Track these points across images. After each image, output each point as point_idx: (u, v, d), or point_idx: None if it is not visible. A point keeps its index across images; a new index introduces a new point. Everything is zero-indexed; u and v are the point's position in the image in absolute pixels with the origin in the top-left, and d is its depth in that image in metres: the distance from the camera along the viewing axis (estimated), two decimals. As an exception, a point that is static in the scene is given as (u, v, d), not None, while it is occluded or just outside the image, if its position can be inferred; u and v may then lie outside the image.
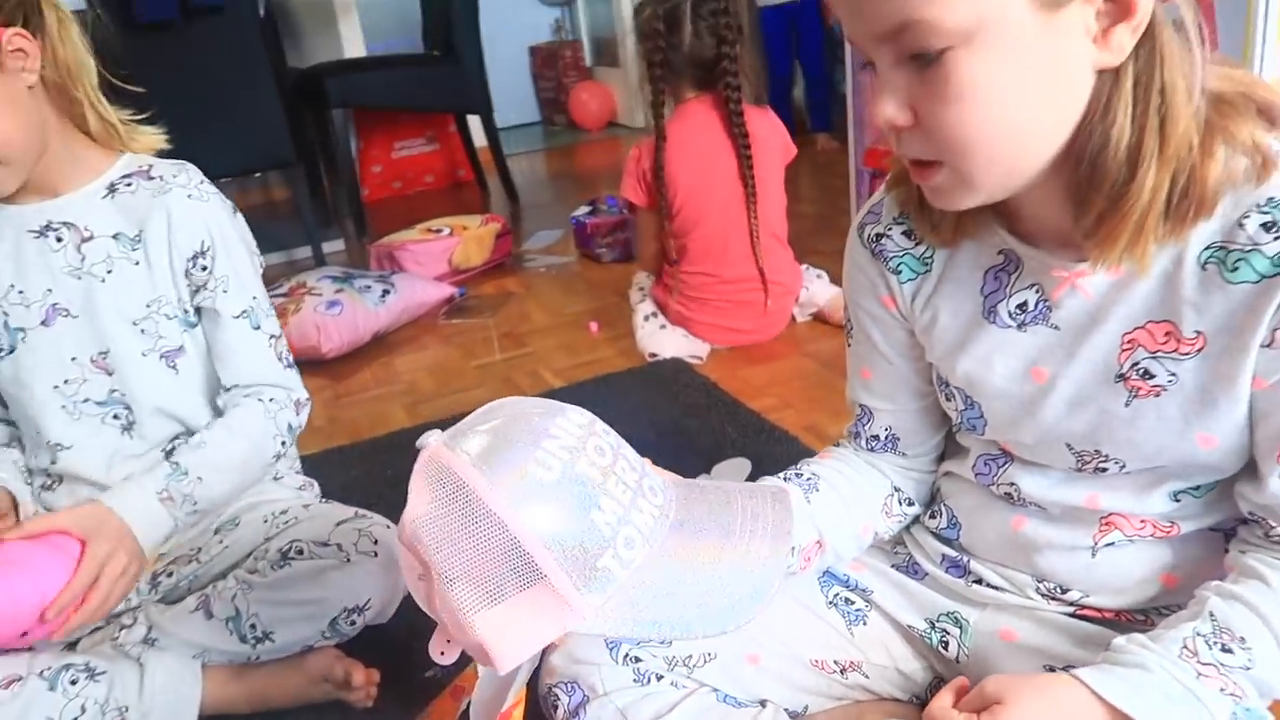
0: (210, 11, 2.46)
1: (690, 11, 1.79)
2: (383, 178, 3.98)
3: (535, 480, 0.59)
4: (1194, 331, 0.63)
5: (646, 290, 2.14)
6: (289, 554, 1.05)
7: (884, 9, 0.55)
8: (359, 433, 1.82)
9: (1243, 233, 0.59)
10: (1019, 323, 0.70)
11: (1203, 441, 0.65)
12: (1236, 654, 0.62)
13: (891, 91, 0.58)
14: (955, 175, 0.60)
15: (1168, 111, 0.56)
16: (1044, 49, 0.55)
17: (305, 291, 2.20)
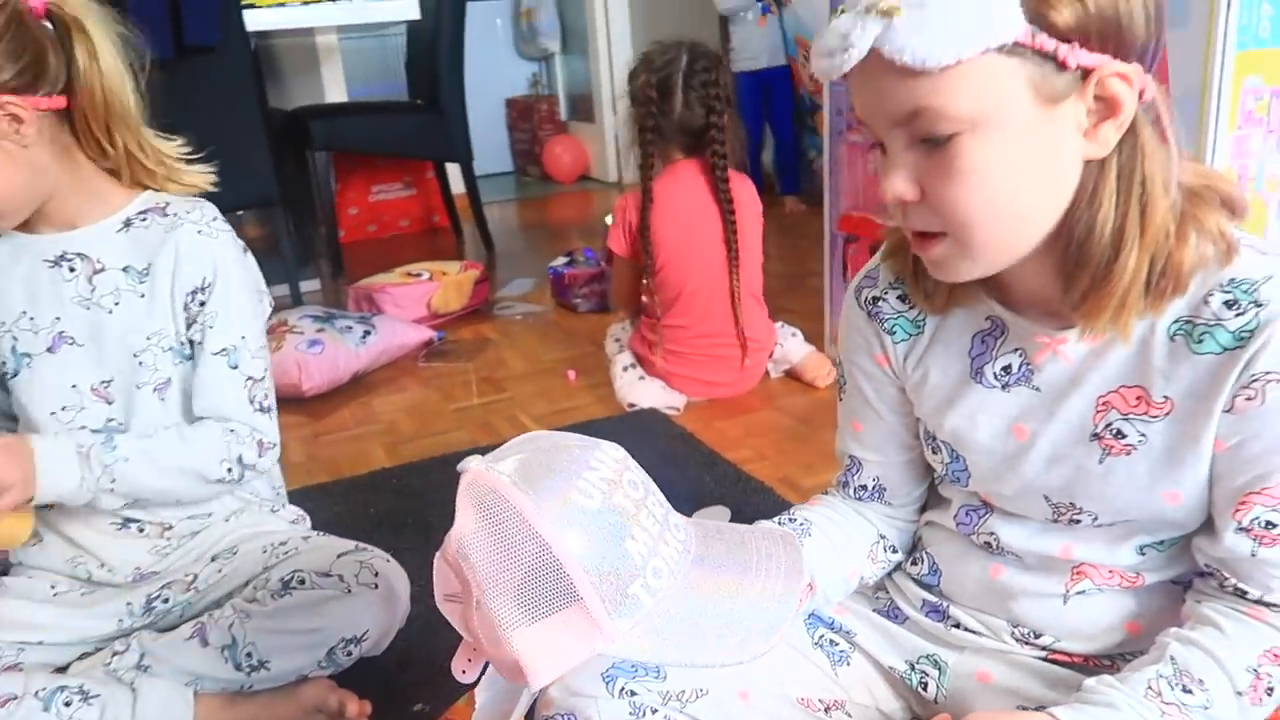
0: (203, 51, 2.50)
1: (682, 81, 1.88)
2: (359, 220, 4.02)
3: (577, 507, 0.63)
4: (1163, 396, 0.69)
5: (623, 342, 2.20)
6: (290, 583, 1.07)
7: (900, 96, 0.61)
8: (339, 470, 1.83)
9: (1208, 309, 0.66)
10: (1003, 384, 0.76)
11: (1169, 498, 0.71)
12: (1196, 694, 0.67)
13: (901, 169, 0.64)
14: (956, 247, 0.65)
15: (1147, 200, 0.63)
16: (1041, 139, 0.62)
17: (287, 330, 2.22)
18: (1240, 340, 0.65)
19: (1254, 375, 0.65)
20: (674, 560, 0.66)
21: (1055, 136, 0.62)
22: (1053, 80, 0.60)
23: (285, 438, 1.97)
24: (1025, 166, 0.62)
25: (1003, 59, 0.59)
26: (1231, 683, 0.68)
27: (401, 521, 1.59)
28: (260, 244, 4.03)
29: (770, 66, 3.82)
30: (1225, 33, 1.31)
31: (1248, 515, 0.69)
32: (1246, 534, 0.69)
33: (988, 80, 0.59)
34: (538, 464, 0.65)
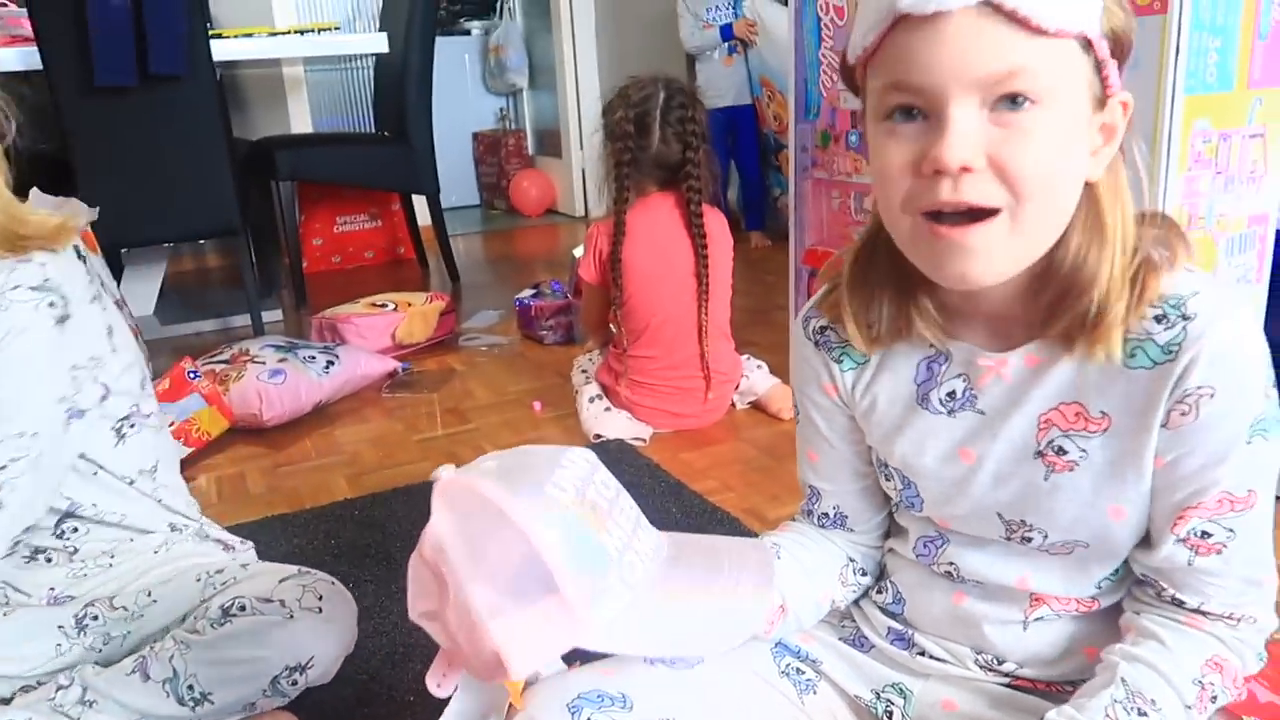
0: (168, 80, 2.49)
1: (660, 117, 1.90)
2: (323, 251, 4.00)
3: (552, 500, 0.63)
4: (1100, 412, 0.70)
5: (590, 373, 2.20)
6: (230, 610, 1.03)
7: (1001, 52, 0.59)
8: (299, 502, 1.81)
9: (1139, 325, 0.67)
10: (949, 409, 0.77)
11: (1114, 513, 0.72)
12: (1150, 716, 0.68)
13: (967, 135, 0.61)
14: (1009, 224, 0.63)
15: (1126, 230, 0.66)
16: (1080, 139, 0.64)
17: (248, 359, 2.20)
18: (1169, 354, 0.66)
19: (1186, 391, 0.66)
20: (647, 556, 0.66)
21: (1084, 143, 0.65)
22: (1096, 88, 0.63)
23: (245, 468, 1.96)
24: (1070, 160, 0.64)
25: (1079, 49, 0.62)
26: (1180, 698, 0.69)
27: (363, 553, 1.57)
28: (223, 274, 4.02)
29: (736, 105, 3.88)
30: (1175, 77, 1.36)
31: (1185, 527, 0.70)
32: (1184, 545, 0.71)
33: (1070, 62, 0.62)
34: (510, 465, 0.65)
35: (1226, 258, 1.51)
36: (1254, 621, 0.73)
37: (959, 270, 0.65)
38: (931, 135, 0.62)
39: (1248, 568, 0.71)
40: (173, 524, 1.16)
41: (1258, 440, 0.68)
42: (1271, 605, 0.73)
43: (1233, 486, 0.69)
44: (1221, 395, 0.66)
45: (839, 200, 2.03)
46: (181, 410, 1.98)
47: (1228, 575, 0.71)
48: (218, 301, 3.30)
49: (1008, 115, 0.61)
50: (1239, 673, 0.72)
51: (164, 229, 2.72)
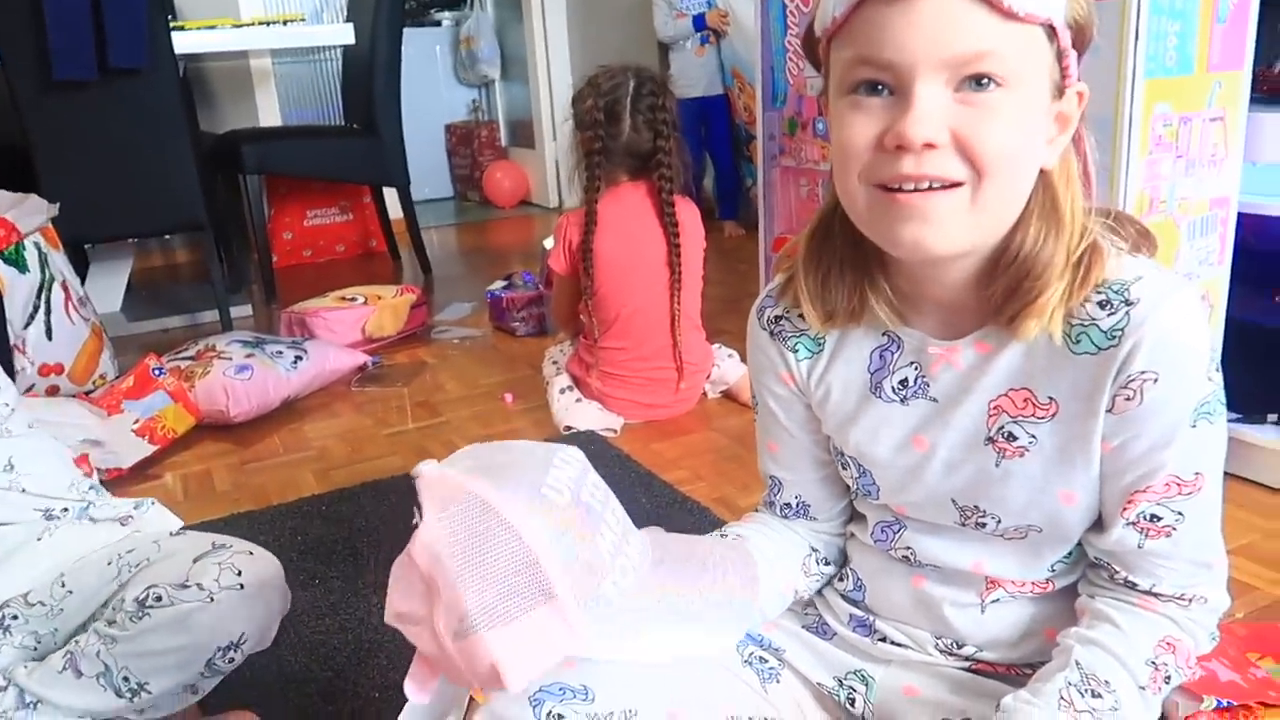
0: (129, 73, 2.46)
1: (630, 106, 1.89)
2: (293, 245, 3.96)
3: (549, 501, 0.61)
4: (1047, 398, 0.71)
5: (561, 364, 2.19)
6: (147, 603, 0.99)
7: (974, 32, 0.60)
8: (266, 499, 1.79)
9: (1083, 310, 0.68)
10: (901, 397, 0.77)
11: (1064, 498, 0.73)
12: (1105, 698, 0.69)
13: (932, 113, 0.61)
14: (970, 197, 0.63)
15: (1075, 219, 0.67)
16: (1040, 125, 0.65)
17: (214, 355, 2.17)
18: (1113, 339, 0.67)
19: (1130, 376, 0.67)
20: (637, 559, 0.65)
21: (1043, 131, 0.65)
22: (1056, 77, 0.64)
23: (211, 465, 1.94)
24: (1031, 143, 0.65)
25: (1044, 36, 0.63)
26: (1134, 679, 0.70)
27: (331, 549, 1.56)
28: (192, 270, 3.97)
29: (708, 95, 3.87)
30: (1135, 61, 1.36)
31: (1134, 511, 0.71)
32: (1134, 528, 0.71)
33: (1035, 48, 0.62)
34: (498, 463, 0.63)
35: (1189, 241, 1.52)
36: (1205, 602, 0.73)
37: (914, 236, 0.64)
38: (896, 111, 0.62)
39: (1197, 550, 0.72)
40: (47, 510, 1.12)
41: (1202, 424, 0.68)
42: (1223, 585, 0.74)
43: (1179, 470, 0.69)
44: (1165, 380, 0.66)
45: (807, 188, 2.03)
46: (146, 408, 1.96)
47: (1177, 558, 0.72)
48: (186, 298, 3.26)
49: (973, 95, 0.61)
50: (1192, 652, 0.73)
51: (127, 224, 2.69)
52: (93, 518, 1.15)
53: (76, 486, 1.18)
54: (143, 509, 1.19)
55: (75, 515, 1.14)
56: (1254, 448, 1.63)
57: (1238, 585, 1.37)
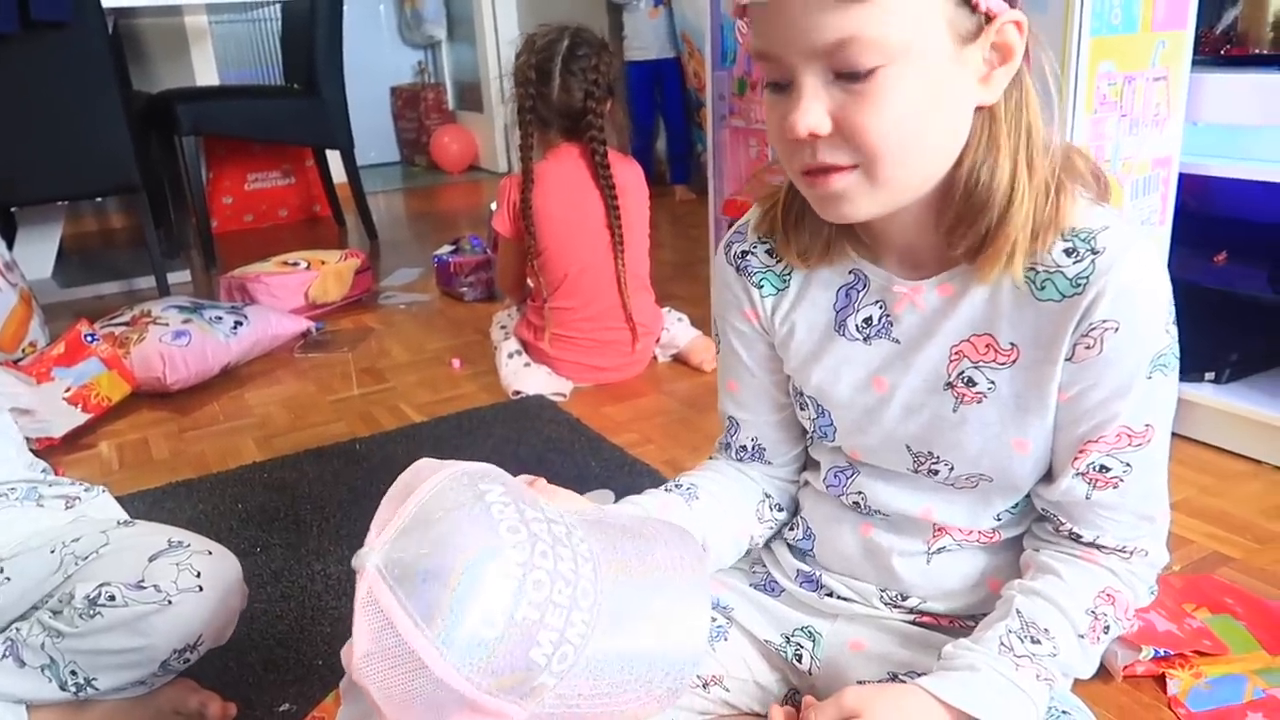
0: (54, 27, 2.35)
1: (561, 65, 1.86)
2: (234, 209, 3.85)
3: (476, 637, 0.57)
4: (1009, 344, 0.71)
5: (509, 329, 2.16)
6: (99, 601, 0.93)
7: (830, 25, 0.59)
8: (206, 466, 1.74)
9: (1049, 256, 0.68)
10: (864, 336, 0.77)
11: (1018, 446, 0.73)
12: (1044, 644, 0.70)
13: (815, 102, 0.62)
14: (864, 179, 0.64)
15: (1033, 149, 0.66)
16: (951, 77, 0.63)
17: (150, 321, 2.10)
18: (1077, 287, 0.67)
19: (1091, 324, 0.67)
20: (581, 634, 0.61)
21: (960, 77, 0.63)
22: (965, 20, 0.62)
23: (148, 434, 1.89)
24: (937, 104, 0.63)
25: None
26: (1074, 627, 0.71)
27: (272, 516, 1.52)
28: (126, 234, 3.85)
29: (661, 58, 3.84)
30: (1081, 19, 1.36)
31: (1084, 461, 0.72)
32: (1083, 478, 0.72)
33: (915, 11, 0.60)
34: (431, 563, 0.59)
35: (1132, 199, 1.53)
36: (1145, 555, 0.74)
37: (832, 211, 0.68)
38: (790, 103, 0.64)
39: (1142, 502, 0.73)
40: None
41: (1158, 375, 0.69)
42: (1164, 541, 0.75)
43: (1131, 420, 0.70)
44: (1125, 329, 0.67)
45: (756, 149, 2.01)
46: (79, 375, 1.89)
47: (1123, 509, 0.73)
48: (120, 263, 3.15)
49: (853, 83, 0.61)
50: (1131, 604, 0.74)
51: (55, 186, 2.58)
52: (39, 501, 1.09)
53: (33, 466, 1.13)
54: (92, 493, 1.14)
55: (23, 495, 1.09)
56: (1192, 405, 1.66)
57: (1175, 539, 1.40)
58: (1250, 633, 1.16)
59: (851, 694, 0.68)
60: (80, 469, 1.76)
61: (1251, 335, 1.79)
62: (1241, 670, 1.10)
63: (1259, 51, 1.62)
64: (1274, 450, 1.58)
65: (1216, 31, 1.71)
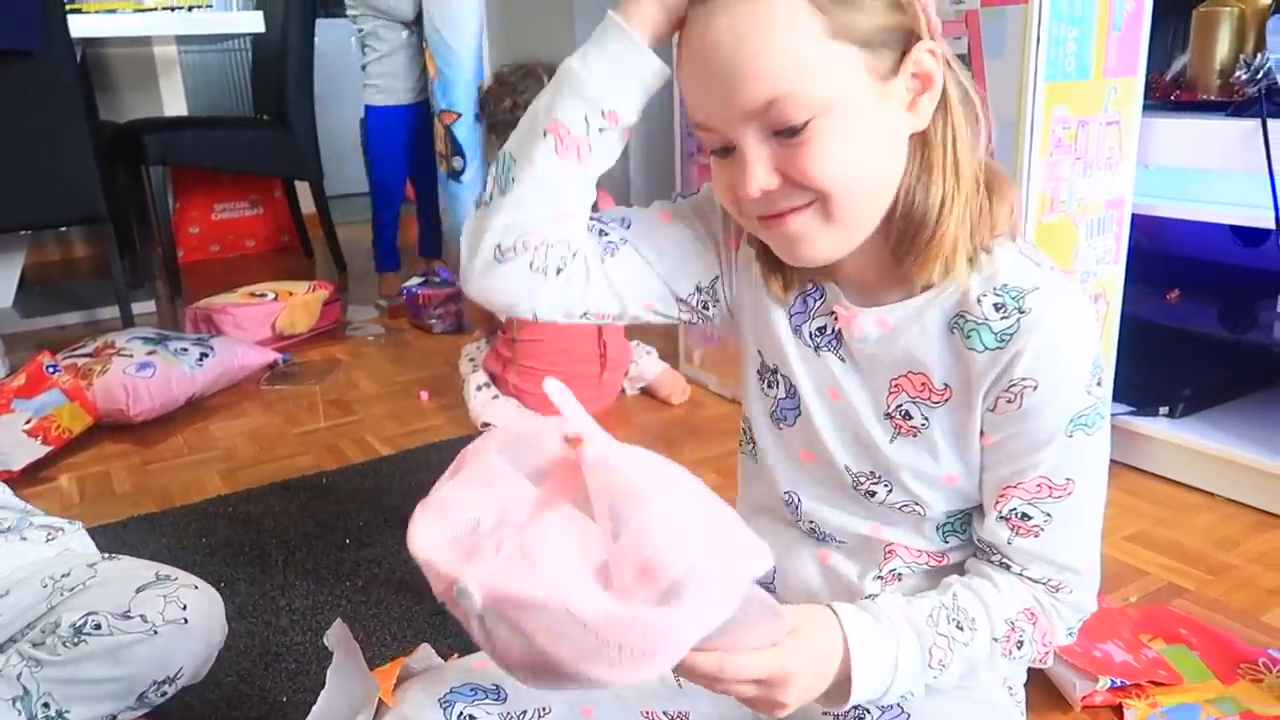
0: (21, 55, 2.34)
1: None
2: (200, 239, 3.83)
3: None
4: (942, 384, 0.73)
5: (478, 361, 2.17)
6: (84, 630, 0.95)
7: (756, 88, 0.62)
8: (169, 500, 1.72)
9: (979, 308, 0.70)
10: (815, 345, 0.79)
11: (948, 480, 0.76)
12: (964, 632, 0.72)
13: (759, 162, 0.65)
14: (820, 215, 0.67)
15: (960, 164, 0.69)
16: (879, 114, 0.66)
17: (114, 352, 2.08)
18: (1002, 342, 0.69)
19: (1011, 380, 0.69)
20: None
21: (888, 112, 0.66)
22: (882, 60, 0.65)
23: (110, 467, 1.86)
24: (873, 139, 0.66)
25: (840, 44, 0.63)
26: (991, 629, 0.73)
27: (237, 551, 1.51)
28: (90, 263, 3.81)
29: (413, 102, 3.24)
30: (1036, 66, 1.41)
31: (1006, 506, 0.74)
32: (1005, 523, 0.74)
33: (832, 64, 0.63)
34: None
35: (1086, 240, 1.58)
36: (1071, 593, 0.76)
37: (792, 253, 0.70)
38: (736, 167, 0.66)
39: (1063, 553, 0.74)
40: None
41: (1079, 434, 0.71)
42: (1093, 593, 0.77)
43: (1051, 473, 0.72)
44: (1044, 388, 0.69)
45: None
46: (39, 407, 1.87)
47: (1042, 559, 0.75)
48: (84, 293, 3.12)
49: (790, 138, 0.64)
50: (1048, 633, 0.75)
51: (20, 216, 2.55)
52: (23, 534, 1.10)
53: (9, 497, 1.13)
54: (74, 526, 1.15)
55: (14, 526, 1.09)
56: (1146, 438, 1.70)
57: (1131, 570, 1.43)
58: (1204, 663, 1.19)
59: (770, 661, 0.64)
60: (40, 503, 1.72)
61: (1204, 370, 1.84)
62: (1196, 699, 1.12)
63: (1207, 98, 1.68)
64: (1227, 483, 1.62)
65: (1166, 78, 1.78)
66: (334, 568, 1.45)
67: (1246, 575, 1.40)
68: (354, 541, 1.52)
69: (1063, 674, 1.14)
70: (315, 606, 1.35)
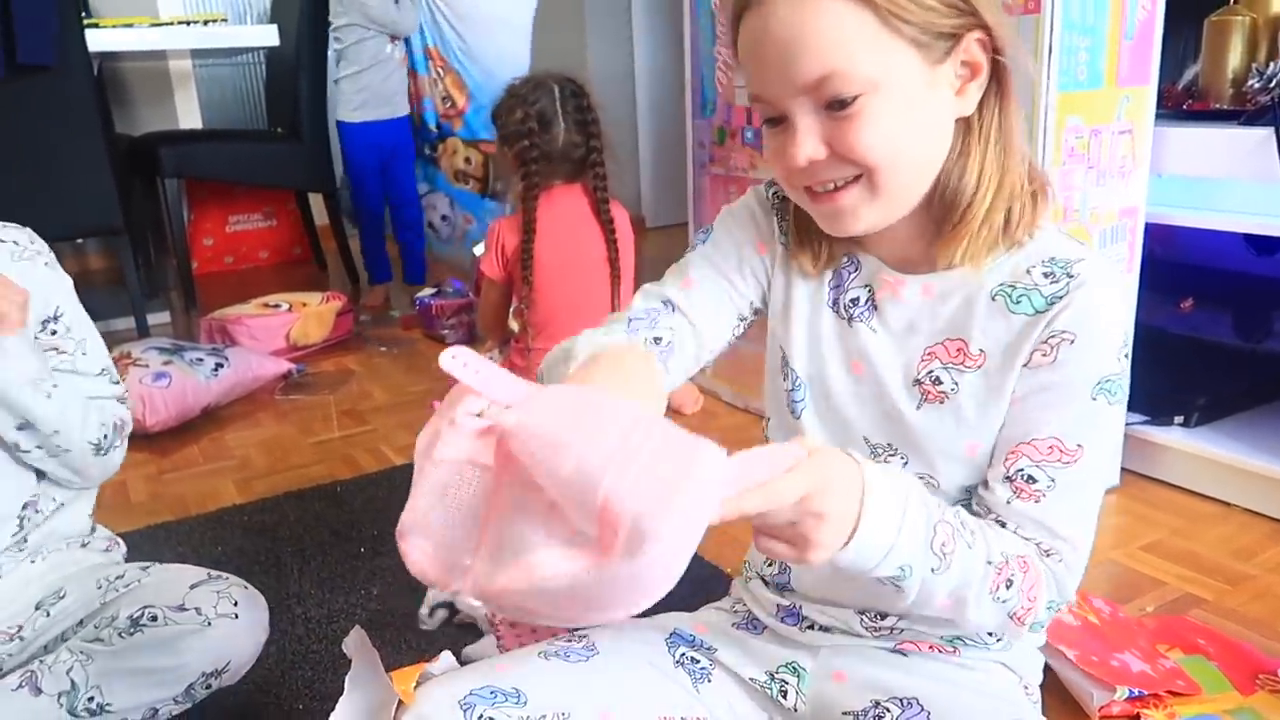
0: (39, 70, 2.37)
1: (560, 110, 1.90)
2: (214, 251, 3.86)
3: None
4: (979, 350, 0.75)
5: (491, 370, 2.17)
6: (141, 621, 1.00)
7: (812, 64, 0.66)
8: (185, 509, 1.73)
9: (1029, 277, 0.74)
10: (849, 316, 0.81)
11: (969, 449, 0.77)
12: (966, 533, 0.69)
13: (809, 132, 0.69)
14: (866, 191, 0.71)
15: (1006, 155, 0.72)
16: (927, 97, 0.69)
17: (130, 363, 2.10)
18: (1050, 304, 0.73)
19: (1052, 333, 0.72)
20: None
21: (936, 95, 0.70)
22: (934, 45, 0.68)
23: (127, 476, 1.88)
24: (918, 119, 0.70)
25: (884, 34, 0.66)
26: (987, 554, 0.70)
27: (252, 560, 1.52)
28: (106, 275, 3.83)
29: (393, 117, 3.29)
30: (1049, 75, 1.41)
31: (1014, 465, 0.74)
32: (1009, 484, 0.75)
33: (884, 45, 0.66)
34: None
35: (1100, 249, 1.58)
36: (1060, 561, 0.74)
37: (835, 225, 0.74)
38: (786, 136, 0.70)
39: (1061, 523, 0.74)
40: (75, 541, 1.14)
41: (1101, 399, 0.73)
42: (1078, 575, 0.76)
43: (1064, 434, 0.73)
44: (1080, 343, 0.72)
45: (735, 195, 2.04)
46: (56, 417, 1.88)
47: (1040, 524, 0.75)
48: (100, 304, 3.10)
49: (840, 112, 0.68)
50: (1035, 587, 0.73)
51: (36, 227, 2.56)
52: (84, 544, 1.15)
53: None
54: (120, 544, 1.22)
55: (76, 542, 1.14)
56: (1161, 448, 1.70)
57: (1147, 580, 1.42)
58: (1223, 673, 1.18)
59: (803, 477, 0.60)
60: (57, 511, 1.74)
61: (1218, 380, 1.84)
62: (1214, 710, 1.12)
63: (1219, 106, 1.68)
64: (1243, 493, 1.62)
65: (1179, 87, 1.78)
66: (349, 576, 1.46)
67: (1264, 585, 1.39)
68: (368, 550, 1.52)
69: (1080, 684, 1.14)
70: (330, 615, 1.36)
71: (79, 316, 1.13)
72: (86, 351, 1.13)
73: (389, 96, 3.02)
